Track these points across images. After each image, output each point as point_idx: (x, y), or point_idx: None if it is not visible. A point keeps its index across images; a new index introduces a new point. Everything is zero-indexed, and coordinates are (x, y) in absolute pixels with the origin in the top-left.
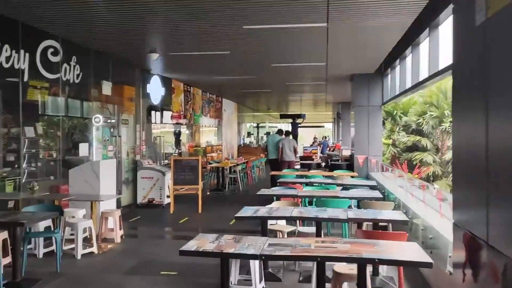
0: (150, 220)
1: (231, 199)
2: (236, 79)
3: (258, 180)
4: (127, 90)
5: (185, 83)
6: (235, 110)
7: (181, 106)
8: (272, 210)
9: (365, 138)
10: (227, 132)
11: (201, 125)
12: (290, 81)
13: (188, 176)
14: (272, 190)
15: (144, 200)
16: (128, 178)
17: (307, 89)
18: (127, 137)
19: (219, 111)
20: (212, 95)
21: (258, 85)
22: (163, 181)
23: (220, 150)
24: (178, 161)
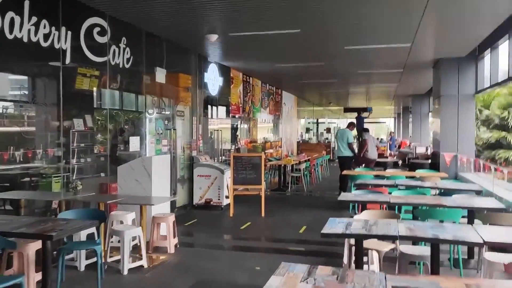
0: (208, 225)
1: (295, 201)
2: (301, 67)
3: (322, 179)
4: (183, 79)
5: (244, 73)
6: (295, 104)
7: (239, 98)
8: (368, 224)
9: (453, 133)
10: (286, 127)
11: (260, 119)
12: (362, 68)
13: (249, 175)
14: (355, 195)
15: (201, 200)
16: (184, 176)
17: (378, 79)
18: (183, 130)
19: (278, 105)
20: (272, 87)
21: (324, 74)
22: (222, 180)
23: (279, 146)
24: (238, 158)
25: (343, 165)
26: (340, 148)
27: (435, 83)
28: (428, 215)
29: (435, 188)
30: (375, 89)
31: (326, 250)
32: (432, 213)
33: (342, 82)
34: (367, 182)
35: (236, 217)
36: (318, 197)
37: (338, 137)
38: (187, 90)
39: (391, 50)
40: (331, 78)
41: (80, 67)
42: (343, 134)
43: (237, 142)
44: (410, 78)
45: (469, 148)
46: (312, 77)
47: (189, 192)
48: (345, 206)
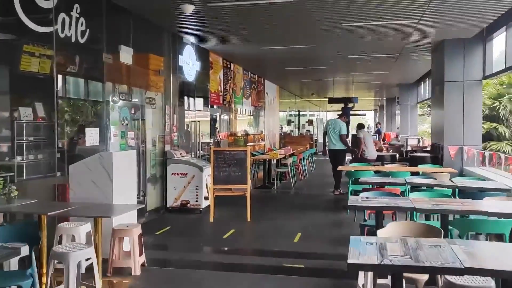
0: (184, 233)
1: (283, 200)
2: (289, 50)
3: (309, 174)
4: (154, 61)
5: (224, 58)
6: (277, 95)
7: (219, 86)
8: (410, 247)
9: (458, 123)
10: (269, 119)
11: (242, 110)
12: (356, 52)
13: (233, 172)
14: (365, 198)
15: (176, 202)
16: (156, 174)
17: (369, 66)
18: (154, 121)
19: (261, 95)
20: (254, 75)
21: (312, 60)
22: (200, 179)
23: (261, 139)
24: (220, 153)
25: (335, 159)
26: (331, 140)
27: (437, 69)
28: (468, 226)
29: (452, 187)
30: (363, 78)
31: (331, 267)
32: (474, 225)
33: (329, 70)
34: (371, 181)
35: (217, 222)
36: (308, 195)
37: (329, 128)
38: (158, 73)
39: (394, 29)
40: (319, 65)
41: (26, 45)
42: (335, 125)
43: (216, 135)
44: (404, 65)
45: (475, 140)
46: (298, 64)
47: (162, 193)
48: (339, 207)
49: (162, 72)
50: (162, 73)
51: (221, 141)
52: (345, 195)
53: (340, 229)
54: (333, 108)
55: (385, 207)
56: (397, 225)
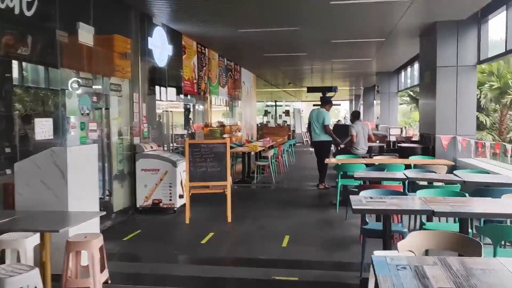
0: (156, 238)
1: (265, 196)
2: (269, 34)
3: (289, 167)
4: (119, 42)
5: (198, 42)
6: (254, 84)
7: (194, 72)
8: (459, 274)
9: (450, 111)
10: (246, 109)
11: (218, 100)
12: (340, 36)
13: (211, 168)
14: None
15: (147, 202)
16: (123, 170)
17: (353, 52)
18: (120, 111)
19: (237, 83)
20: (230, 62)
21: (293, 44)
22: (174, 175)
23: (238, 130)
24: (196, 146)
25: (320, 151)
26: (315, 131)
27: (427, 54)
28: (502, 233)
29: (459, 182)
30: (342, 65)
31: (331, 279)
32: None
33: (309, 57)
34: (368, 176)
35: (194, 224)
36: (291, 190)
37: (313, 118)
38: (124, 57)
39: (385, 8)
40: (299, 51)
41: None
42: (318, 114)
43: (190, 126)
44: (387, 51)
45: (469, 129)
46: (278, 49)
47: (131, 191)
48: (326, 203)
49: (129, 56)
50: (129, 57)
51: (196, 132)
52: (330, 189)
53: (332, 230)
54: (309, 98)
55: (398, 211)
56: (421, 236)
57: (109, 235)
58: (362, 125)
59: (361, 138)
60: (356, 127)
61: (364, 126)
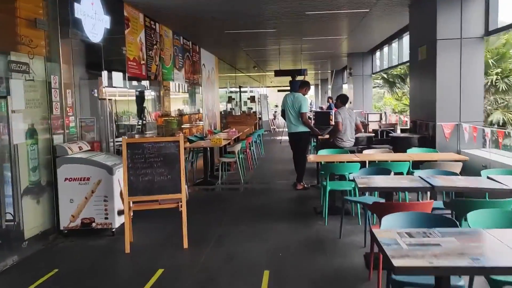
0: (78, 280)
1: (234, 203)
2: (233, 3)
3: (259, 161)
4: (24, 4)
5: (146, 15)
6: (216, 67)
7: (141, 52)
8: None
9: (454, 93)
10: (207, 96)
11: (175, 85)
12: (317, 6)
13: (159, 176)
14: (415, 238)
15: (75, 221)
16: (39, 181)
17: (328, 27)
18: (29, 99)
19: (197, 66)
20: (188, 41)
21: (260, 17)
22: (110, 185)
23: (199, 120)
24: (137, 146)
25: (297, 144)
26: (290, 120)
27: (423, 25)
28: None
29: (487, 190)
30: (311, 45)
31: None
32: None
33: (277, 34)
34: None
35: (137, 254)
36: (263, 192)
37: (287, 105)
38: (34, 25)
39: None
40: (266, 26)
41: None
42: (294, 100)
43: (145, 116)
44: (368, 26)
45: (475, 115)
46: (241, 24)
47: (51, 209)
48: (309, 210)
49: (42, 24)
50: (42, 26)
51: (146, 123)
52: (310, 190)
53: (325, 256)
54: (274, 84)
55: (476, 269)
56: None
57: (11, 279)
58: (349, 112)
59: (347, 127)
60: (342, 114)
61: (352, 113)
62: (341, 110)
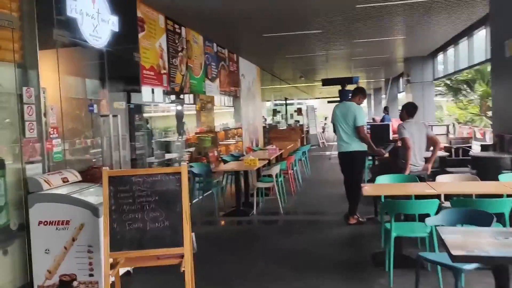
0: None
1: (269, 243)
2: (273, 5)
3: (304, 182)
4: None
5: (169, 17)
6: (258, 78)
7: (161, 59)
8: None
9: None
10: (248, 109)
11: (212, 98)
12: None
13: (153, 222)
14: None
15: (51, 279)
16: (7, 225)
17: (380, 24)
18: None
19: (234, 77)
20: (223, 48)
21: (303, 18)
22: (97, 230)
23: (239, 135)
24: (122, 181)
25: (350, 166)
26: (342, 137)
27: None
28: None
29: None
30: (365, 49)
31: None
32: None
33: (324, 37)
34: (476, 253)
35: None
36: (308, 228)
37: (338, 118)
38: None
39: None
40: (310, 27)
41: None
42: (346, 111)
43: (184, 132)
44: (432, 21)
45: None
46: (281, 25)
47: (22, 262)
48: (365, 257)
49: (6, 20)
50: (7, 22)
51: (174, 143)
52: (366, 224)
53: None
54: (323, 95)
55: None
56: None
57: None
58: (418, 126)
59: (416, 146)
60: (408, 128)
61: (421, 127)
62: (406, 124)
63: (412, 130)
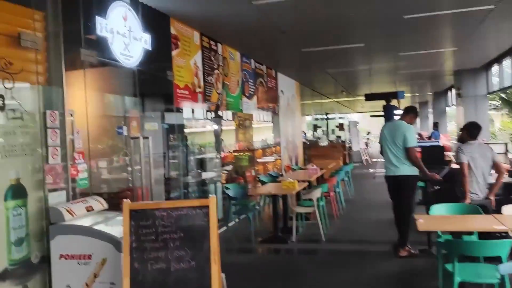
0: None
1: (307, 283)
2: (310, 13)
3: (347, 204)
4: (3, 14)
5: (204, 33)
6: (297, 93)
7: (196, 77)
8: None
9: None
10: (286, 125)
11: (249, 116)
12: (419, 6)
13: (177, 262)
14: None
15: None
16: (27, 259)
17: (429, 35)
18: (10, 145)
19: (273, 93)
20: (261, 64)
21: (346, 30)
22: (119, 266)
23: (277, 153)
24: (144, 215)
25: (400, 193)
26: (390, 159)
27: None
28: None
29: None
30: (411, 62)
31: None
32: None
33: (366, 50)
34: None
35: None
36: (351, 261)
37: (386, 138)
38: (18, 42)
39: None
40: (354, 39)
41: None
42: (396, 131)
43: (222, 149)
44: (488, 31)
45: None
46: (321, 39)
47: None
48: None
49: (29, 40)
50: (30, 43)
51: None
52: (419, 257)
53: None
54: (365, 109)
55: None
56: None
57: None
58: (482, 149)
59: (478, 171)
60: (469, 151)
61: (485, 150)
62: (467, 146)
63: (474, 154)
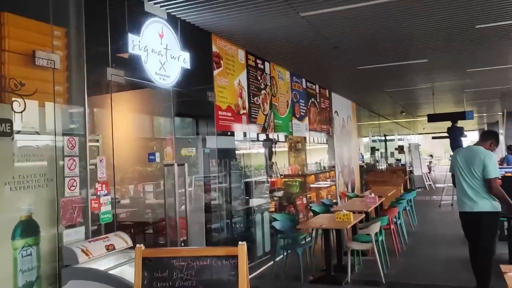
0: None
1: None
2: (367, 25)
3: (409, 237)
4: (18, 30)
5: (250, 51)
6: (353, 114)
7: (240, 98)
8: None
9: None
10: (342, 148)
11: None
12: (495, 14)
13: None
14: None
15: None
16: None
17: (503, 48)
18: (21, 175)
19: (326, 114)
20: (312, 84)
21: (408, 44)
22: None
23: (331, 178)
24: (160, 264)
25: (478, 231)
26: (465, 192)
27: None
28: None
29: None
30: (478, 80)
31: None
32: None
33: (430, 65)
34: None
35: None
36: None
37: (460, 165)
38: (33, 61)
39: None
40: (417, 55)
41: None
42: (473, 158)
43: (273, 172)
44: None
45: None
46: (378, 56)
47: None
48: None
49: (45, 59)
50: (46, 62)
51: (256, 186)
52: None
53: None
54: (427, 130)
55: None
56: None
57: None
58: None
59: None
60: None
61: None
62: None
63: None
